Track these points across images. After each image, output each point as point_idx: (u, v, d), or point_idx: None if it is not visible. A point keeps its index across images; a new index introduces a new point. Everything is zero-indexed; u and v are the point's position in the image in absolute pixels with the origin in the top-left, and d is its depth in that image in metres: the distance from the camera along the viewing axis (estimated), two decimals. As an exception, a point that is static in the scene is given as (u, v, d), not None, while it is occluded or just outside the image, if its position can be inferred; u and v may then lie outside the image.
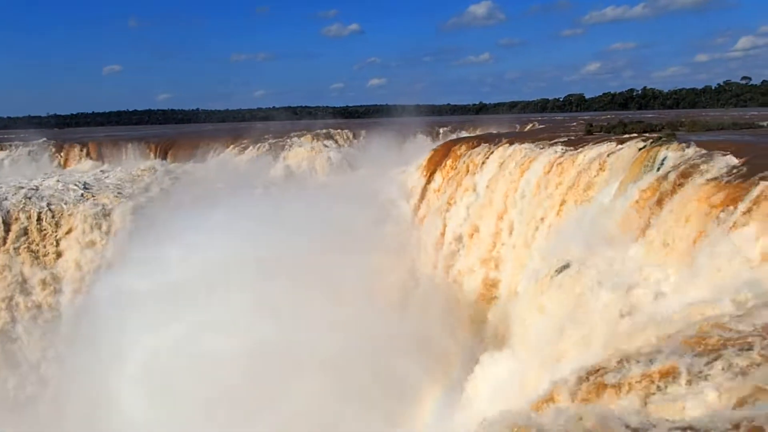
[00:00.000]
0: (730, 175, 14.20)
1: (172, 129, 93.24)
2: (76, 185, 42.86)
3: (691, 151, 17.18)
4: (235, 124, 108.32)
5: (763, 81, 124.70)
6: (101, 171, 49.30)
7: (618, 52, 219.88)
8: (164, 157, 54.09)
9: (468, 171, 30.14)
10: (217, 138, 56.87)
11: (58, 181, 44.12)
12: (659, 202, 15.69)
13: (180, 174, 48.20)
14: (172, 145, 55.77)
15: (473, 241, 27.37)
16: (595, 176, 21.50)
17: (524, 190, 25.10)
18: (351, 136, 57.42)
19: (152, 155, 55.07)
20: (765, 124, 31.49)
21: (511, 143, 28.85)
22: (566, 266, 17.34)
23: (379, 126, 58.21)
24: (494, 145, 29.80)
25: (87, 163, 54.93)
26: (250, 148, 52.56)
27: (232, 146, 53.73)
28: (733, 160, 15.12)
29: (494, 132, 47.17)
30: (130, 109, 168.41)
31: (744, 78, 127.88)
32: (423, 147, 45.52)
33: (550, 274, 17.98)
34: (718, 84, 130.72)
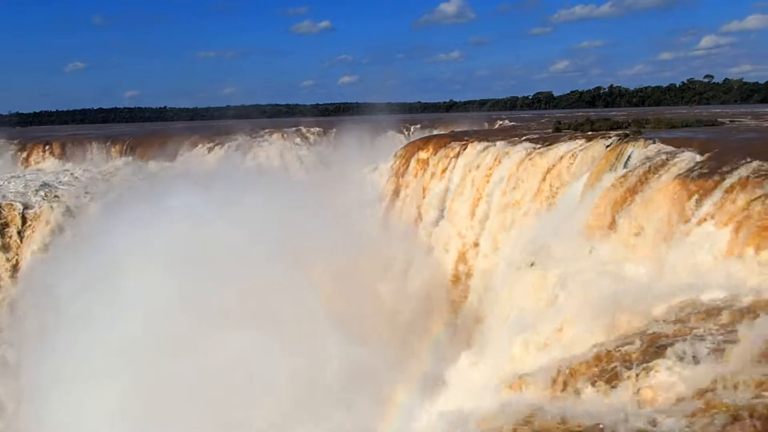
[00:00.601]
0: (695, 171, 14.50)
1: (138, 127, 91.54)
2: (37, 184, 41.94)
3: (656, 147, 17.51)
4: (203, 122, 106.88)
5: (725, 79, 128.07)
6: (65, 170, 48.26)
7: (586, 51, 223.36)
8: (131, 156, 53.12)
9: (438, 170, 30.23)
10: (185, 136, 56.03)
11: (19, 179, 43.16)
12: (626, 198, 15.95)
13: (148, 173, 47.39)
14: (140, 144, 54.80)
15: (446, 237, 27.48)
16: (563, 173, 21.77)
17: (494, 187, 25.30)
18: (322, 134, 57.13)
19: (119, 154, 54.05)
20: (727, 121, 32.27)
21: (481, 141, 29.01)
22: (536, 263, 17.55)
23: (350, 124, 57.89)
24: (465, 143, 29.94)
25: (51, 162, 53.67)
26: (220, 146, 51.93)
27: (200, 144, 53.01)
28: (698, 157, 15.44)
29: (465, 129, 47.40)
30: (96, 107, 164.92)
31: (707, 76, 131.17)
32: (394, 144, 45.48)
33: (521, 271, 18.18)
34: (682, 82, 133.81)
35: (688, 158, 15.58)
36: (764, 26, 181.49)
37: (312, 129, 58.32)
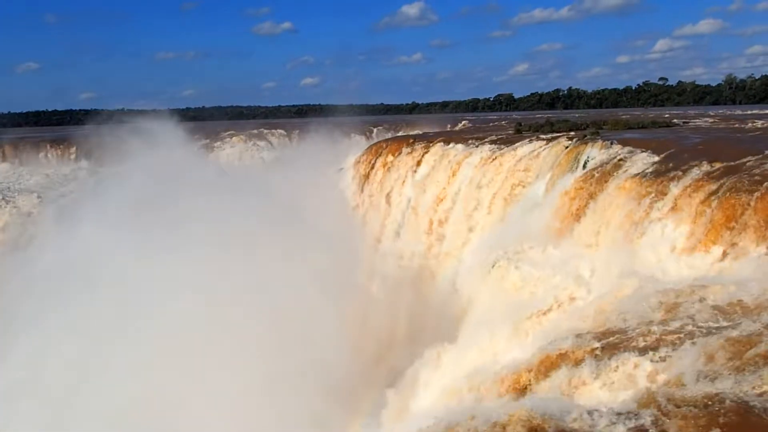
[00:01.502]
0: (651, 171, 14.87)
1: (95, 130, 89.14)
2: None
3: (614, 148, 17.89)
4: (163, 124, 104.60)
5: (679, 82, 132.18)
6: (17, 174, 46.78)
7: (545, 53, 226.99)
8: (88, 159, 51.77)
9: (402, 171, 30.32)
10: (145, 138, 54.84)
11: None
12: (585, 198, 16.25)
13: (105, 176, 46.25)
14: (97, 146, 53.40)
15: (411, 237, 27.56)
16: (524, 174, 22.06)
17: (458, 188, 25.49)
18: (284, 136, 56.76)
19: (74, 157, 52.64)
20: (681, 122, 33.21)
21: (444, 142, 29.24)
22: (498, 262, 17.72)
23: (312, 125, 57.67)
24: (429, 144, 30.11)
25: (2, 167, 51.92)
26: (180, 148, 51.02)
27: (160, 147, 52.00)
28: (654, 157, 15.84)
29: (428, 131, 47.70)
30: (50, 109, 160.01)
31: (661, 79, 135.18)
32: (357, 146, 45.43)
33: (485, 270, 18.34)
34: (638, 84, 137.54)
35: (644, 159, 15.98)
36: (716, 30, 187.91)
37: (274, 131, 57.84)
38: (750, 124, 29.23)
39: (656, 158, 15.70)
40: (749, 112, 56.40)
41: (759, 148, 14.41)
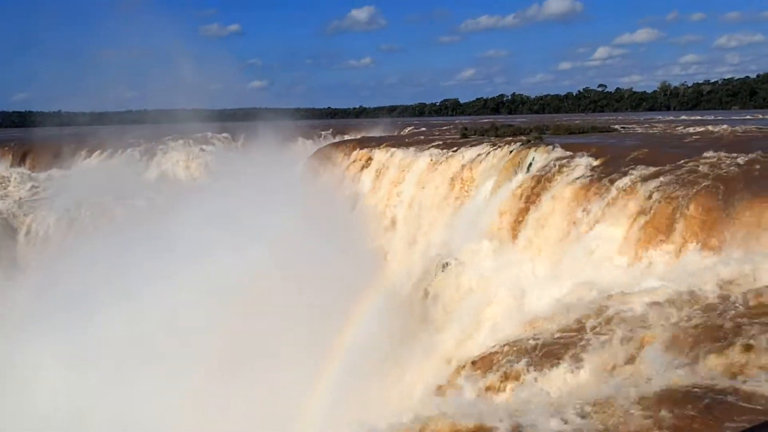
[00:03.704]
0: (591, 175, 15.31)
1: (29, 132, 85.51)
2: None
3: (557, 152, 18.35)
4: (103, 127, 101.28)
5: (617, 88, 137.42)
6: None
7: (491, 59, 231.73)
8: (22, 164, 49.53)
9: (350, 175, 30.28)
10: (83, 142, 52.88)
11: None
12: (529, 201, 16.61)
13: (42, 181, 44.41)
14: (31, 150, 51.19)
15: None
16: (470, 178, 22.37)
17: (405, 191, 25.64)
18: (230, 140, 55.73)
19: (7, 161, 50.25)
20: (619, 128, 34.36)
21: (391, 146, 29.37)
22: (447, 264, 17.91)
23: (259, 129, 56.83)
24: (376, 148, 30.19)
25: (-73, 171, 49.06)
26: (120, 152, 49.50)
27: (99, 151, 50.30)
28: (594, 162, 16.33)
29: (376, 135, 47.81)
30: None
31: (600, 85, 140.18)
32: (305, 150, 45.08)
33: (433, 273, 18.50)
34: (579, 91, 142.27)
35: (584, 163, 16.44)
36: (653, 39, 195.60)
37: (219, 135, 56.72)
38: (683, 130, 30.49)
39: (596, 162, 16.19)
40: (682, 117, 58.93)
41: (692, 153, 15.03)
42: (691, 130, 29.37)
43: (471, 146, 24.45)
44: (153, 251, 22.75)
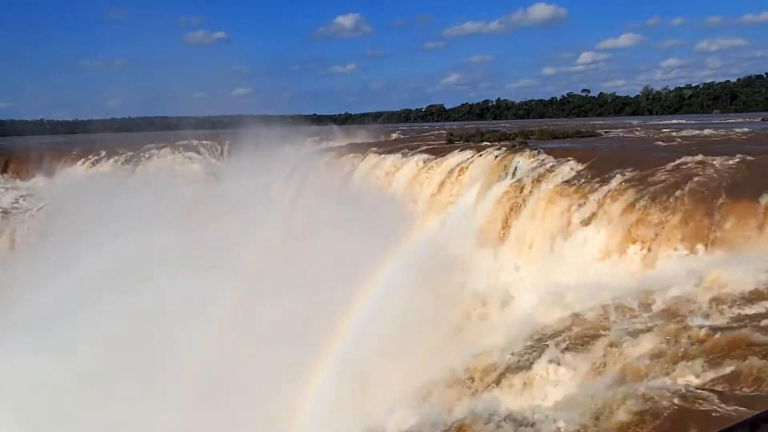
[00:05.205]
0: (576, 179, 15.44)
1: (10, 141, 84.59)
2: None
3: (541, 157, 18.49)
4: (86, 135, 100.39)
5: (600, 93, 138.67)
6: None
7: (476, 65, 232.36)
8: (3, 172, 48.93)
9: (337, 179, 30.25)
10: (65, 150, 52.42)
11: None
12: (515, 206, 16.70)
13: (24, 190, 43.91)
14: (12, 159, 50.58)
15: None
16: (456, 183, 22.43)
17: (393, 197, 25.65)
18: (215, 147, 55.43)
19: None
20: (603, 132, 34.71)
21: (378, 152, 29.41)
22: (432, 269, 17.91)
23: (244, 136, 56.58)
24: (363, 154, 30.21)
25: None
26: (105, 161, 49.07)
27: (83, 159, 49.85)
28: (578, 165, 16.46)
29: (362, 142, 47.77)
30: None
31: (584, 90, 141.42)
32: (290, 157, 44.90)
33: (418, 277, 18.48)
34: (563, 96, 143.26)
35: (569, 167, 16.58)
36: (635, 44, 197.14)
37: (204, 142, 56.39)
38: (665, 133, 30.85)
39: (581, 166, 16.33)
40: (664, 122, 59.60)
41: (674, 156, 15.21)
42: (674, 133, 29.74)
43: (457, 152, 24.55)
44: None
